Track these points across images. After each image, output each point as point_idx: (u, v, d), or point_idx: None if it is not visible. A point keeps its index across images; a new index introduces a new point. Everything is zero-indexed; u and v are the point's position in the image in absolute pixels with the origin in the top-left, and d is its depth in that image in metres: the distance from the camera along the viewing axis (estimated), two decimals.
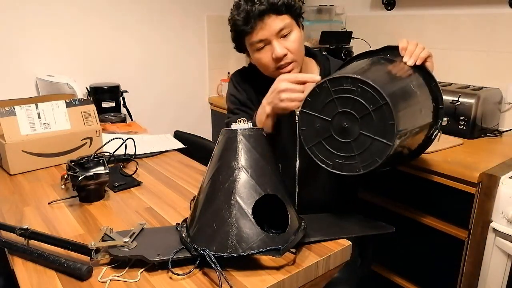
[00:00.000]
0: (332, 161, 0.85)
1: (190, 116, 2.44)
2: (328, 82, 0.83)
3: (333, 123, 0.83)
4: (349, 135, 0.82)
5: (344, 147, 0.83)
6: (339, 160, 0.84)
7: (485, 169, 1.22)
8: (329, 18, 2.24)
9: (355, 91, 0.79)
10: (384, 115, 0.76)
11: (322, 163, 0.87)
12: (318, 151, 0.87)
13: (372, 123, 0.78)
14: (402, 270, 1.51)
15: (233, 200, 0.76)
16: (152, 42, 2.17)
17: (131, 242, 0.78)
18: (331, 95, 0.83)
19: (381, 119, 0.77)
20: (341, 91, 0.81)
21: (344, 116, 0.82)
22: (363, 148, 0.80)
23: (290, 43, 1.03)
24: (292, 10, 1.04)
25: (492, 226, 1.21)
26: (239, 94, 1.19)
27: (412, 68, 0.93)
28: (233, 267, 0.74)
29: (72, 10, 1.87)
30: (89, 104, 1.36)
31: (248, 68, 1.22)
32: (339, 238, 0.85)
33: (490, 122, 1.59)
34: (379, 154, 0.78)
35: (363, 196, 1.53)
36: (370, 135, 0.79)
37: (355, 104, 0.80)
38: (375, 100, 0.77)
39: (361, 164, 0.81)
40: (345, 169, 0.84)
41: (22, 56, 1.78)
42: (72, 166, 1.02)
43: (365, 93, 0.78)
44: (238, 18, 1.02)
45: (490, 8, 1.66)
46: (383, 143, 0.77)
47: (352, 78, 0.79)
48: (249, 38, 1.05)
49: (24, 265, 0.77)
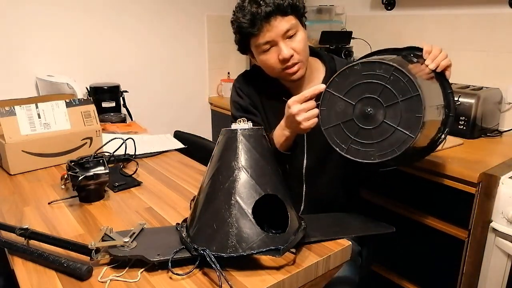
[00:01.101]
0: (348, 146, 0.82)
1: (190, 116, 2.44)
2: (361, 65, 0.81)
3: (356, 108, 0.81)
4: (371, 122, 0.80)
5: (363, 133, 0.81)
6: (355, 146, 0.82)
7: (485, 169, 1.22)
8: (329, 18, 2.25)
9: (386, 78, 0.77)
10: (412, 107, 0.75)
11: (337, 146, 0.84)
12: (334, 133, 0.84)
13: (398, 114, 0.76)
14: (402, 270, 1.51)
15: (233, 200, 0.76)
16: (152, 42, 2.17)
17: (131, 242, 0.78)
18: (361, 78, 0.81)
19: (408, 111, 0.75)
20: (371, 76, 0.79)
21: (369, 102, 0.80)
22: (384, 137, 0.78)
23: (296, 44, 1.03)
24: (297, 10, 1.04)
25: (492, 226, 1.21)
26: (242, 100, 1.18)
27: (432, 72, 0.92)
28: (233, 267, 0.74)
29: (72, 10, 1.87)
30: (89, 104, 1.36)
31: (251, 71, 1.22)
32: (339, 238, 0.85)
33: (490, 122, 1.59)
34: (399, 146, 0.77)
35: (363, 195, 1.53)
36: (393, 125, 0.77)
37: (383, 92, 0.78)
38: (407, 90, 0.75)
39: (377, 153, 0.79)
40: (360, 155, 0.81)
41: (22, 56, 1.78)
42: (72, 166, 1.02)
43: (397, 82, 0.76)
44: (243, 21, 1.01)
45: (490, 8, 1.66)
46: (406, 135, 0.75)
47: (387, 64, 0.78)
48: (255, 40, 1.04)
49: (24, 265, 0.77)
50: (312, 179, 1.14)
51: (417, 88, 0.74)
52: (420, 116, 0.74)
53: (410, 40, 1.95)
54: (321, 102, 0.87)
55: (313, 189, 1.15)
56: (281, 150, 1.01)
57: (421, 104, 0.74)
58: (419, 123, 0.74)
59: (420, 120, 0.74)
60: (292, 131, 0.97)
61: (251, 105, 1.17)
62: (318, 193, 1.15)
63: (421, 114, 0.74)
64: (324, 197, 1.16)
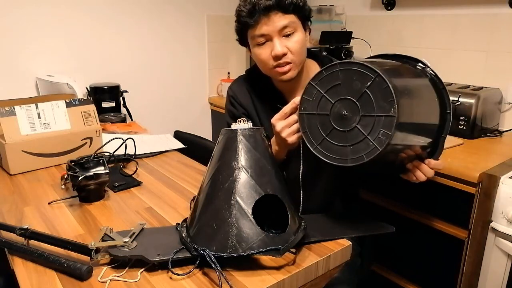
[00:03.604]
0: (346, 155, 0.80)
1: (190, 116, 2.44)
2: (312, 82, 0.84)
3: (334, 107, 0.82)
4: (345, 125, 0.79)
5: (336, 134, 0.81)
6: (352, 149, 0.80)
7: (485, 169, 1.22)
8: (329, 18, 2.24)
9: (368, 85, 0.77)
10: (380, 87, 0.74)
11: (337, 162, 0.81)
12: (325, 149, 0.83)
13: (371, 124, 0.76)
14: (402, 270, 1.51)
15: (233, 200, 0.76)
16: (152, 42, 2.17)
17: (131, 242, 0.78)
18: (320, 92, 0.83)
19: (378, 93, 0.75)
20: (327, 84, 0.82)
21: (341, 105, 0.80)
22: (354, 141, 0.78)
23: (292, 43, 1.03)
24: (300, 11, 1.03)
25: (492, 226, 1.21)
26: (235, 110, 1.19)
27: (434, 90, 0.91)
28: (233, 267, 0.74)
29: (72, 10, 1.87)
30: (89, 104, 1.36)
31: (246, 76, 1.22)
32: (339, 238, 0.86)
33: (490, 122, 1.59)
34: (367, 153, 0.76)
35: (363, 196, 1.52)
36: (364, 133, 0.77)
37: (363, 97, 0.77)
38: (366, 77, 0.76)
39: (377, 144, 0.76)
40: (363, 153, 0.78)
41: (22, 56, 1.78)
42: (72, 166, 1.02)
43: (349, 74, 0.78)
44: (243, 10, 1.02)
45: (490, 8, 1.66)
46: (388, 117, 0.74)
47: (330, 66, 0.80)
48: (251, 31, 1.04)
49: (24, 265, 0.77)
50: (309, 185, 1.14)
51: (394, 109, 0.73)
52: (389, 134, 0.73)
53: (410, 40, 1.96)
54: (301, 125, 0.88)
55: (310, 195, 1.15)
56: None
57: (384, 80, 0.73)
58: (387, 139, 0.73)
59: (388, 137, 0.73)
60: (282, 147, 0.98)
61: (244, 115, 1.18)
62: (315, 198, 1.15)
63: (390, 133, 0.73)
64: (321, 203, 1.16)
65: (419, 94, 0.86)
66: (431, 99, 0.90)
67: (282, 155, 1.02)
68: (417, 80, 0.90)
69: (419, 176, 0.92)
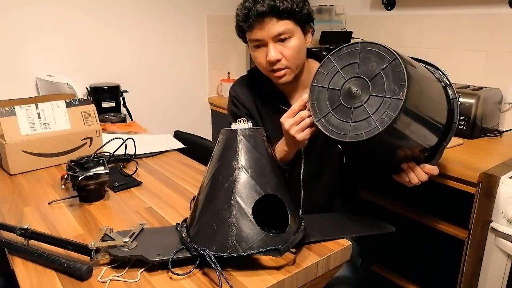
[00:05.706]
0: (346, 131, 0.81)
1: (190, 116, 2.44)
2: (330, 56, 0.84)
3: (341, 92, 0.83)
4: (359, 100, 0.80)
5: (355, 113, 0.81)
6: (354, 126, 0.81)
7: (485, 169, 1.22)
8: (329, 18, 2.24)
9: (356, 57, 0.79)
10: (395, 70, 0.76)
11: (335, 136, 0.82)
12: (327, 123, 0.84)
13: (377, 105, 0.77)
14: (402, 270, 1.51)
15: (233, 200, 0.76)
16: (152, 42, 2.17)
17: (131, 242, 0.78)
18: (336, 68, 0.84)
19: (392, 75, 0.76)
20: (345, 61, 0.83)
21: (353, 83, 0.81)
22: (358, 119, 0.79)
23: (287, 50, 1.02)
24: (297, 16, 1.01)
25: (492, 226, 1.21)
26: (237, 110, 1.19)
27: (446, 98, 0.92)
28: (233, 267, 0.74)
29: (72, 10, 1.87)
30: (89, 104, 1.36)
31: (247, 77, 1.22)
32: (339, 238, 0.86)
33: (490, 122, 1.59)
34: (367, 131, 0.77)
35: (363, 195, 1.53)
36: (368, 112, 0.78)
37: (362, 69, 0.80)
38: (384, 59, 0.77)
39: (379, 124, 0.77)
40: (363, 131, 0.79)
41: (22, 56, 1.78)
42: (72, 166, 1.02)
43: (368, 55, 0.79)
44: (239, 13, 1.03)
45: (490, 8, 1.66)
46: (396, 100, 0.75)
47: (351, 44, 0.80)
48: (248, 34, 1.05)
49: (24, 265, 0.77)
50: (310, 185, 1.14)
51: (393, 52, 0.75)
52: (392, 116, 0.74)
53: (410, 40, 1.96)
54: (310, 97, 0.88)
55: (311, 195, 1.15)
56: (281, 164, 1.02)
57: (398, 107, 0.74)
58: (389, 121, 0.74)
59: (391, 119, 0.74)
60: (291, 147, 0.98)
61: (246, 115, 1.18)
62: (316, 199, 1.15)
63: (394, 115, 0.74)
64: (321, 203, 1.16)
65: (430, 93, 0.87)
66: (440, 102, 0.90)
67: (291, 155, 1.02)
68: (431, 81, 0.90)
69: (412, 177, 0.91)
